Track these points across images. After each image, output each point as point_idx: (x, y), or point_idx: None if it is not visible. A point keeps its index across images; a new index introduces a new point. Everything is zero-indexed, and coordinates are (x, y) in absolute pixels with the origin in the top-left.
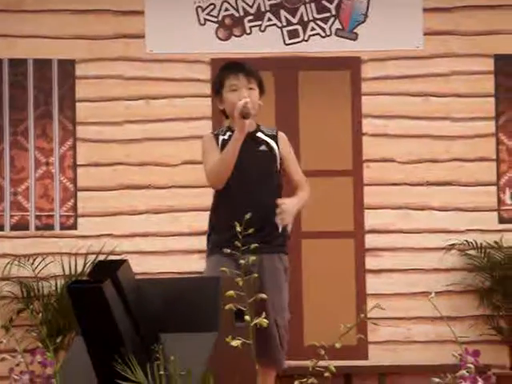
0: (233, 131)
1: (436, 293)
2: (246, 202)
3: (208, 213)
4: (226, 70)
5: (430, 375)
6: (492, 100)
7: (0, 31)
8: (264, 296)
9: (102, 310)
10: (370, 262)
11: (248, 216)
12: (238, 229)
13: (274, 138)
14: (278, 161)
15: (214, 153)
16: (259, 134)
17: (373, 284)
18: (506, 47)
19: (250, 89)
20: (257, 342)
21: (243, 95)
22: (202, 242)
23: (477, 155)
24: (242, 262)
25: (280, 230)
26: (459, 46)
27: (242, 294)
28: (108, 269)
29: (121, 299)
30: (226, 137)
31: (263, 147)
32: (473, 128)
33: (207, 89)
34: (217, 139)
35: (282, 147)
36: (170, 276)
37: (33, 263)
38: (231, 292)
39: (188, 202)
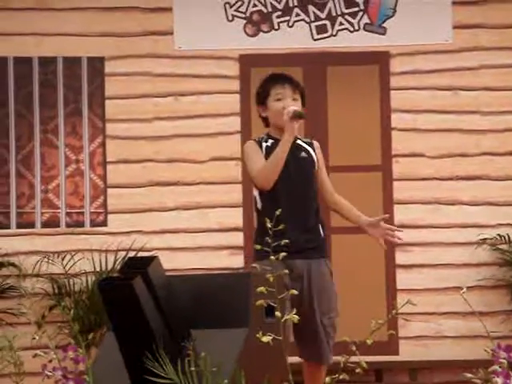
0: (274, 139)
1: (467, 288)
2: (293, 205)
3: (237, 209)
4: (272, 80)
5: (462, 371)
6: None
7: (29, 29)
8: (295, 292)
9: (132, 307)
10: (400, 257)
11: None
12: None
13: (311, 145)
14: (316, 166)
15: (259, 156)
16: (299, 142)
17: (403, 279)
18: None
19: (294, 99)
20: (304, 341)
21: (288, 104)
22: (230, 238)
23: (507, 149)
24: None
25: (322, 234)
26: (488, 40)
27: (273, 291)
28: (138, 265)
29: (151, 296)
30: (268, 144)
31: (303, 153)
32: (503, 122)
33: (235, 85)
34: (260, 146)
35: (317, 155)
36: (199, 272)
37: (63, 260)
38: (262, 288)
39: (216, 199)
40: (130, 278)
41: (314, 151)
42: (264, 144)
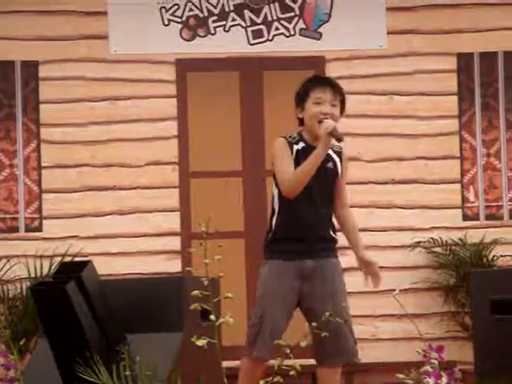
0: (305, 141)
1: (402, 290)
2: (310, 212)
3: (174, 213)
4: (313, 82)
5: (398, 372)
6: (455, 98)
7: None
8: (230, 295)
9: (65, 311)
10: None
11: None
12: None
13: (340, 154)
14: (338, 177)
15: (289, 160)
16: (329, 151)
17: None
18: (468, 46)
19: (333, 105)
20: (329, 343)
21: (325, 110)
22: (167, 243)
23: (441, 153)
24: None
25: (335, 237)
26: (422, 45)
27: (208, 294)
28: (72, 270)
29: (85, 300)
30: (299, 147)
31: (330, 164)
32: (437, 126)
33: (172, 89)
34: (291, 147)
35: (343, 164)
36: (135, 277)
37: None
38: (196, 292)
39: (153, 203)
40: (63, 282)
41: (341, 161)
42: (295, 146)
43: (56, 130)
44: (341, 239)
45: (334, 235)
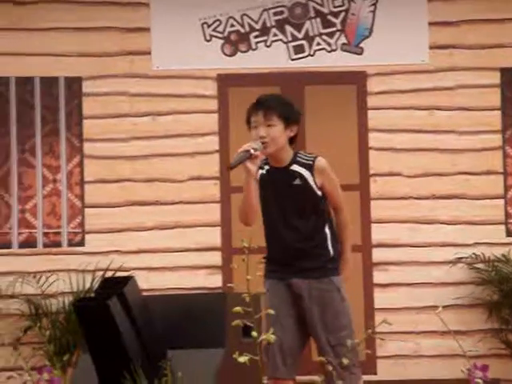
0: (269, 165)
1: (444, 307)
2: (288, 234)
3: (215, 228)
4: (250, 107)
5: None
6: (498, 113)
7: (7, 49)
8: (271, 312)
9: (108, 327)
10: (378, 276)
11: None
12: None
13: (310, 167)
14: (316, 190)
15: (251, 187)
16: (293, 167)
17: (381, 298)
18: (511, 60)
19: (269, 126)
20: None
21: (260, 134)
22: (208, 258)
23: (483, 168)
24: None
25: (332, 253)
26: (464, 60)
27: (249, 310)
28: (114, 286)
29: (127, 316)
30: (264, 171)
31: (297, 181)
32: (479, 141)
33: (214, 104)
34: (257, 172)
35: (317, 176)
36: (177, 292)
37: (39, 280)
38: (238, 308)
39: (195, 218)
40: (105, 298)
41: (312, 173)
42: (260, 171)
43: (99, 145)
44: (380, 254)
45: (324, 251)
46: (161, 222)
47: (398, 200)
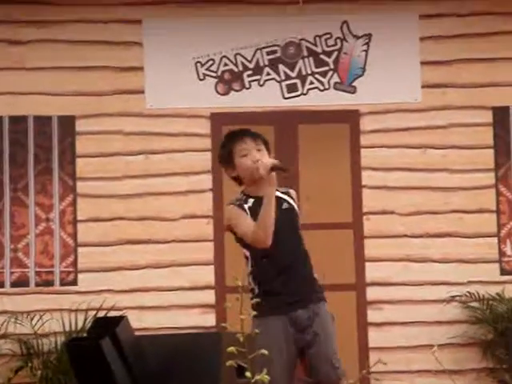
0: (252, 197)
1: (439, 345)
2: (286, 258)
3: (208, 266)
4: (231, 138)
5: None
6: (491, 152)
7: (1, 88)
8: (265, 352)
9: (100, 367)
10: (372, 315)
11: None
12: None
13: (289, 194)
14: (299, 214)
15: (247, 218)
16: (278, 194)
17: (375, 337)
18: (503, 99)
19: (259, 150)
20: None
21: (255, 157)
22: (202, 297)
23: (476, 207)
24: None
25: (316, 277)
26: (457, 99)
27: (244, 350)
28: (107, 325)
29: (120, 356)
30: (250, 204)
31: (286, 205)
32: (472, 180)
33: (207, 143)
34: (242, 208)
35: (296, 203)
36: (170, 331)
37: (32, 320)
38: (232, 348)
39: (188, 256)
40: (98, 338)
41: (293, 200)
42: (246, 206)
43: (92, 183)
44: (374, 293)
45: (314, 275)
46: (154, 260)
47: (391, 238)
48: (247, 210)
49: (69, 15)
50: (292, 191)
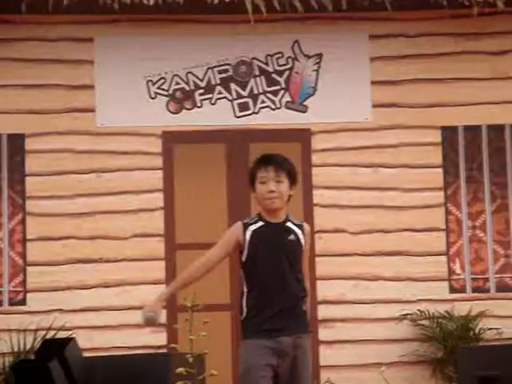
0: (263, 220)
1: (389, 364)
2: (279, 286)
3: (159, 285)
4: (258, 163)
5: None
6: (440, 171)
7: None
8: (215, 373)
9: None
10: (323, 333)
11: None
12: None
13: (301, 227)
14: (303, 248)
15: (222, 246)
16: (289, 224)
17: (326, 356)
18: (452, 119)
19: (278, 181)
20: None
21: (270, 188)
22: None
23: (426, 225)
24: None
25: (305, 309)
26: (406, 118)
27: (192, 371)
28: (55, 347)
29: (68, 378)
30: (256, 227)
31: (292, 236)
32: (422, 198)
33: (159, 161)
34: (245, 229)
35: (305, 237)
36: (121, 351)
37: None
38: (181, 369)
39: (138, 276)
40: (46, 360)
41: (304, 234)
42: (252, 227)
43: (41, 202)
44: (325, 311)
45: (305, 308)
46: (104, 279)
47: (342, 257)
48: (250, 231)
49: (20, 33)
50: (306, 226)
